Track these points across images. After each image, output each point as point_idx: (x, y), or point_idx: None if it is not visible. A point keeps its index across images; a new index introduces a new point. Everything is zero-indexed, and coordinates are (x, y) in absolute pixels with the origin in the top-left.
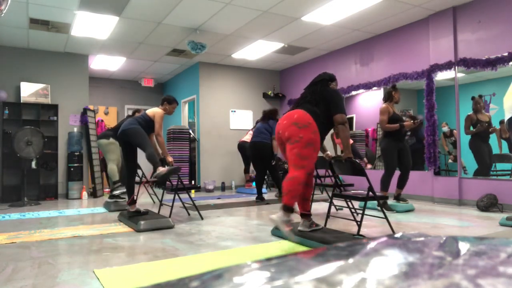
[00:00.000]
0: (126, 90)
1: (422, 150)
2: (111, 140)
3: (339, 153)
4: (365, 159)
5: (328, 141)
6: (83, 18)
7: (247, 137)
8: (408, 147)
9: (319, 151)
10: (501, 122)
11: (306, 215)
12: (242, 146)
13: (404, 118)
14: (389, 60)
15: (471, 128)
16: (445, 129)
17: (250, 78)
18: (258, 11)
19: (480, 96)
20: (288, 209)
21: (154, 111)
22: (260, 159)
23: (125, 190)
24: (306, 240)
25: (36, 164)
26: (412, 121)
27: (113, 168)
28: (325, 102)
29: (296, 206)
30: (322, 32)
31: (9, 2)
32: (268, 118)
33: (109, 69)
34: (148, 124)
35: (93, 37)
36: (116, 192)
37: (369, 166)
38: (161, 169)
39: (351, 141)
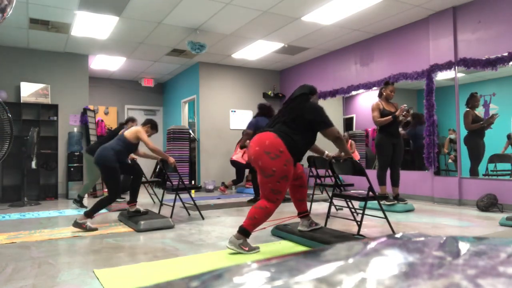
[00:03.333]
0: (126, 90)
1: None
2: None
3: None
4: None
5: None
6: (83, 18)
7: (238, 156)
8: (402, 143)
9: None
10: (509, 137)
11: (304, 215)
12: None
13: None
14: (389, 60)
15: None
16: (453, 136)
17: (250, 78)
18: (258, 11)
19: (477, 93)
20: (245, 233)
21: (135, 133)
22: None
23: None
24: (306, 240)
25: (36, 164)
26: (401, 110)
27: (87, 185)
28: (306, 119)
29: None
30: (322, 32)
31: (13, 6)
32: (262, 114)
33: (109, 69)
34: (127, 146)
35: (93, 37)
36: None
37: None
38: (86, 222)
39: (351, 142)
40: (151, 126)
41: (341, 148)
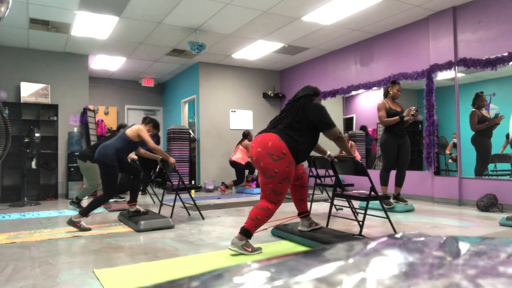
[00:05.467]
0: (126, 90)
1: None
2: (88, 164)
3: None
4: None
5: (329, 141)
6: (83, 18)
7: (237, 156)
8: (408, 144)
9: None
10: (508, 137)
11: (304, 215)
12: (234, 163)
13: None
14: (389, 60)
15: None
16: (455, 140)
17: (250, 78)
18: (258, 11)
19: (482, 93)
20: (247, 234)
21: (137, 131)
22: None
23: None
24: (306, 240)
25: (36, 164)
26: (410, 110)
27: (87, 188)
28: (309, 120)
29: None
30: (322, 32)
31: (10, 5)
32: None
33: (109, 69)
34: (128, 144)
35: (93, 37)
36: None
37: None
38: (80, 221)
39: (352, 143)
40: (153, 125)
41: (342, 147)
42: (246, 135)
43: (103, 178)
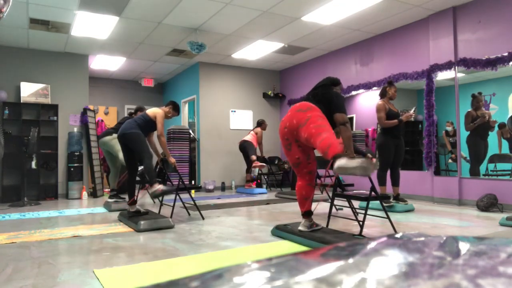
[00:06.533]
0: (126, 90)
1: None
2: (114, 135)
3: None
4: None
5: None
6: (83, 18)
7: (248, 137)
8: (403, 144)
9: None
10: (501, 126)
11: (307, 214)
12: (243, 146)
13: (401, 113)
14: (389, 60)
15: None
16: (449, 128)
17: (250, 78)
18: (258, 11)
19: (480, 94)
20: (340, 156)
21: (155, 112)
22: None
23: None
24: (306, 240)
25: (36, 164)
26: (407, 111)
27: (112, 174)
28: (326, 103)
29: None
30: (322, 32)
31: (10, 4)
32: None
33: (109, 69)
34: (148, 124)
35: (93, 37)
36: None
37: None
38: (157, 187)
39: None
40: (173, 107)
41: (344, 135)
42: (261, 123)
43: (135, 147)
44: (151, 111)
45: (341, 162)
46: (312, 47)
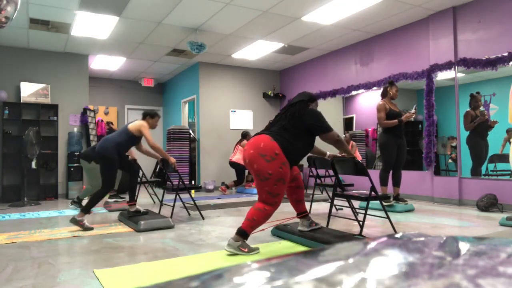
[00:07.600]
0: (126, 90)
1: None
2: (92, 164)
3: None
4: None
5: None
6: (83, 18)
7: (237, 156)
8: (405, 144)
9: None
10: (509, 131)
11: (303, 215)
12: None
13: (402, 113)
14: (389, 60)
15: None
16: (454, 144)
17: (250, 78)
18: (258, 11)
19: (478, 93)
20: (243, 235)
21: (139, 126)
22: None
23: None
24: (306, 240)
25: (36, 164)
26: (408, 112)
27: (88, 189)
28: (305, 125)
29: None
30: (322, 32)
31: (18, 7)
32: None
33: (109, 69)
34: (130, 139)
35: (93, 37)
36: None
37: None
38: (83, 218)
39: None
40: (150, 116)
41: (343, 150)
42: (245, 135)
43: (102, 171)
44: (134, 125)
45: (231, 241)
46: (312, 47)
